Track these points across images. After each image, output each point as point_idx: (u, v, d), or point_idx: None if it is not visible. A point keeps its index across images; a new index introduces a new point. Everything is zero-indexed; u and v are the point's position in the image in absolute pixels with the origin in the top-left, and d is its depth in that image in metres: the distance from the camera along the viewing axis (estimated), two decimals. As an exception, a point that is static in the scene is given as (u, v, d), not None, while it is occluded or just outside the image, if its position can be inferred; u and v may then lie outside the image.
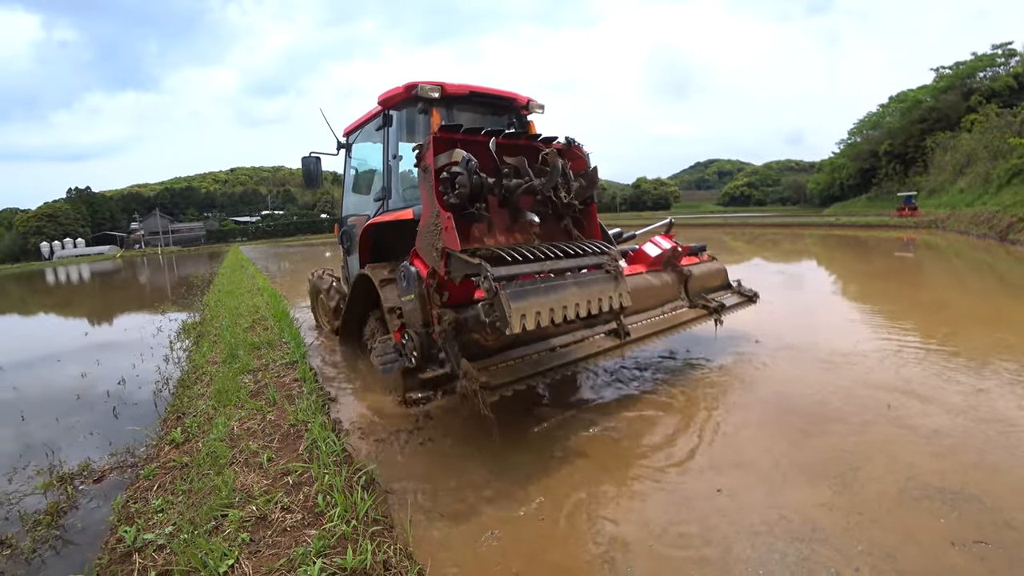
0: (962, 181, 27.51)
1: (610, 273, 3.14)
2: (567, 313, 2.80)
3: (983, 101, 36.34)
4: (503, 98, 4.75)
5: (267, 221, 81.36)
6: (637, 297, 4.19)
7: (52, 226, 67.85)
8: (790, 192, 73.09)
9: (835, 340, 5.27)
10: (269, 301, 9.24)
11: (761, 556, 2.21)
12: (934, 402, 3.67)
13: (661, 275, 4.85)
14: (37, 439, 4.20)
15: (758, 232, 26.64)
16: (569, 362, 3.45)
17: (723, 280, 5.52)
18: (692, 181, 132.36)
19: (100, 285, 24.39)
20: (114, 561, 2.33)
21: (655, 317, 4.44)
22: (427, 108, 4.23)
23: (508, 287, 2.63)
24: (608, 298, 3.06)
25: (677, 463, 3.05)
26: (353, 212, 5.58)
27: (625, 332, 3.89)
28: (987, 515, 2.39)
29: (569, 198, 3.33)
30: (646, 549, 2.31)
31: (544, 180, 3.18)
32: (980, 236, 16.79)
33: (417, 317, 3.16)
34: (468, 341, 3.16)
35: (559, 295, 2.81)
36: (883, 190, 43.09)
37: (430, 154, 2.88)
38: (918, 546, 2.22)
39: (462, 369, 2.96)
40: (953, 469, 2.80)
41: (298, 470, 2.90)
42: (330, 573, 2.03)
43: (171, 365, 6.15)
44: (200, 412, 4.03)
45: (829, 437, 3.24)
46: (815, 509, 2.50)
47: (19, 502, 3.20)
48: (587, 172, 3.41)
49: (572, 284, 2.92)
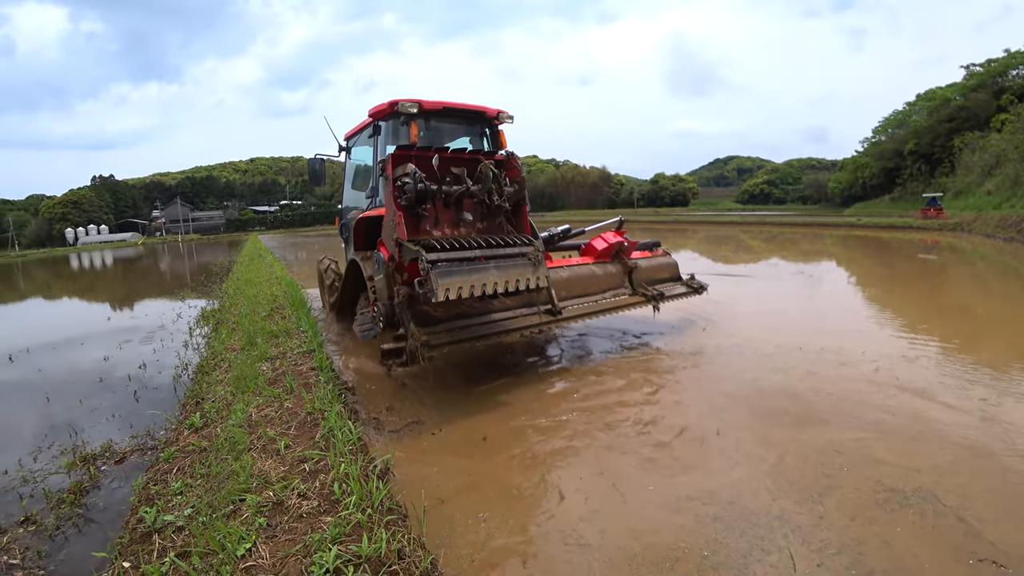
0: (990, 183, 26.71)
1: (531, 260, 3.89)
2: (486, 289, 3.57)
3: (1015, 100, 35.09)
4: (473, 112, 5.47)
5: (285, 211, 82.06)
6: (580, 284, 5.16)
7: (76, 213, 69.22)
8: (811, 191, 71.67)
9: (846, 344, 5.16)
10: (287, 290, 9.34)
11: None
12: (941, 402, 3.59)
13: (606, 266, 5.51)
14: (61, 420, 4.30)
15: (776, 231, 26.20)
16: (501, 331, 4.23)
17: (672, 273, 6.11)
18: (711, 178, 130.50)
19: (122, 271, 24.89)
20: (135, 541, 2.38)
21: (595, 301, 5.12)
22: (408, 121, 4.95)
23: (439, 268, 3.39)
24: (526, 279, 3.82)
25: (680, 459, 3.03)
26: (350, 206, 6.33)
27: (557, 311, 4.58)
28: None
29: (500, 201, 4.09)
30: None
31: (479, 187, 4.01)
32: (1007, 240, 16.32)
33: (384, 293, 4.10)
34: (421, 312, 3.93)
35: (480, 275, 3.57)
36: (907, 191, 41.99)
37: (390, 167, 3.74)
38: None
39: (410, 331, 3.77)
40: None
41: (315, 458, 2.92)
42: (345, 560, 2.05)
43: (190, 351, 6.26)
44: (219, 398, 4.09)
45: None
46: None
47: (43, 480, 3.28)
48: (520, 179, 4.21)
49: (493, 267, 3.67)
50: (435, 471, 3.06)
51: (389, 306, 4.04)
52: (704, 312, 6.67)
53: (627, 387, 4.29)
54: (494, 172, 4.02)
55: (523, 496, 2.80)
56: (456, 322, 4.09)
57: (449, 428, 3.66)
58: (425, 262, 3.37)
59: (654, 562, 2.20)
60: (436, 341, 3.80)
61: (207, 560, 2.13)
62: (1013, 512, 2.43)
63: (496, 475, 3.02)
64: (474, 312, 4.25)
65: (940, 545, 2.22)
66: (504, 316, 4.37)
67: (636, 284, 5.53)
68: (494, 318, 4.32)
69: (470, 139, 5.85)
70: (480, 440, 3.44)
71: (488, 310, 4.34)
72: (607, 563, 2.21)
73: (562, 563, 2.24)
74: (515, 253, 3.88)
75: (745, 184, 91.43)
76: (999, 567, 2.08)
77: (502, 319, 4.35)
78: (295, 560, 2.10)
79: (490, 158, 4.17)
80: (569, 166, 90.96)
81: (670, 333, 5.89)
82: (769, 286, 9.69)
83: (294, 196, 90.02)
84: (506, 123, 5.73)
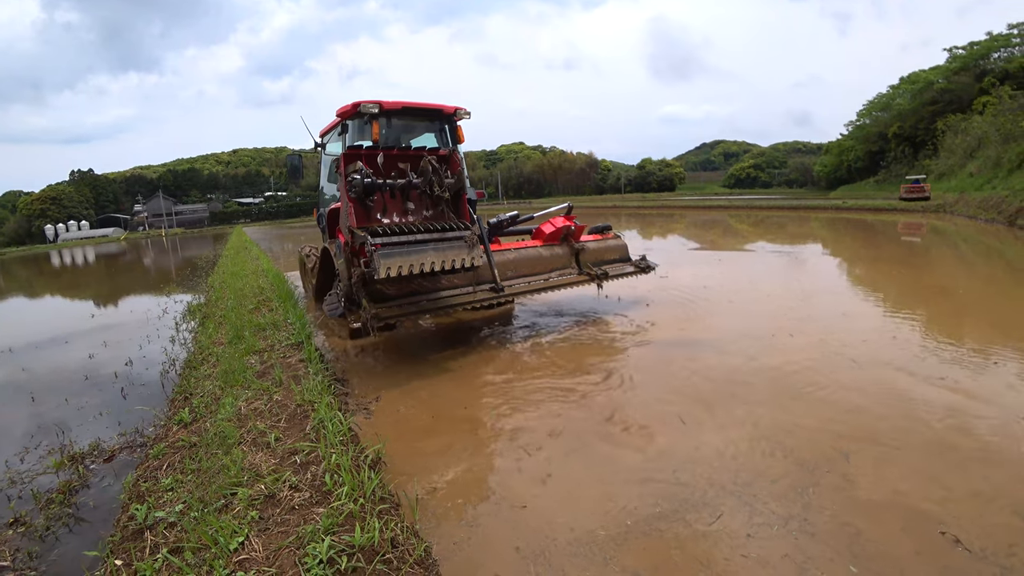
0: (972, 165, 27.06)
1: (466, 242, 4.45)
2: (423, 267, 4.16)
3: (997, 83, 35.47)
4: (430, 110, 5.78)
5: (270, 203, 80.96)
6: (527, 264, 5.69)
7: (56, 209, 67.72)
8: (796, 174, 72.26)
9: (834, 328, 5.26)
10: (273, 283, 9.26)
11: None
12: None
13: (554, 248, 5.96)
14: (48, 419, 4.25)
15: (763, 215, 26.40)
16: (446, 306, 4.87)
17: (621, 254, 6.52)
18: (698, 162, 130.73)
19: (105, 267, 24.48)
20: (126, 538, 2.37)
21: (540, 280, 5.62)
22: (370, 120, 5.20)
23: (382, 250, 4.02)
24: (461, 259, 4.37)
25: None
26: (327, 197, 6.69)
27: (500, 288, 5.13)
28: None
29: (440, 191, 4.70)
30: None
31: (421, 180, 4.70)
32: (988, 221, 16.59)
33: (345, 274, 4.60)
34: (376, 291, 4.52)
35: (419, 256, 4.17)
36: (892, 173, 42.44)
37: (342, 165, 4.49)
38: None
39: (363, 306, 4.37)
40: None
41: (306, 449, 2.93)
42: (339, 550, 2.06)
43: (177, 346, 6.19)
44: (207, 393, 4.06)
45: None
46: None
47: (32, 481, 3.25)
48: (459, 172, 4.89)
49: (431, 249, 4.26)
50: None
51: (348, 286, 4.56)
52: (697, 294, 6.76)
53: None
54: (434, 166, 4.65)
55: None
56: (407, 299, 4.67)
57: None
58: (370, 245, 4.01)
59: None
60: (386, 314, 4.43)
61: (200, 555, 2.13)
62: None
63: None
64: (424, 291, 4.82)
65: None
66: (450, 294, 4.94)
67: (583, 264, 5.99)
68: (441, 296, 4.89)
69: (434, 135, 6.16)
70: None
71: (437, 288, 4.90)
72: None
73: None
74: (453, 236, 4.45)
75: (732, 168, 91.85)
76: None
77: (448, 296, 4.92)
78: (288, 552, 2.11)
79: (433, 155, 4.80)
80: (556, 152, 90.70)
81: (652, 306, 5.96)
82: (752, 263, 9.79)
83: (279, 187, 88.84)
84: (464, 119, 6.01)
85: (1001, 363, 4.12)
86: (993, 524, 2.26)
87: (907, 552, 2.13)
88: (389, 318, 4.47)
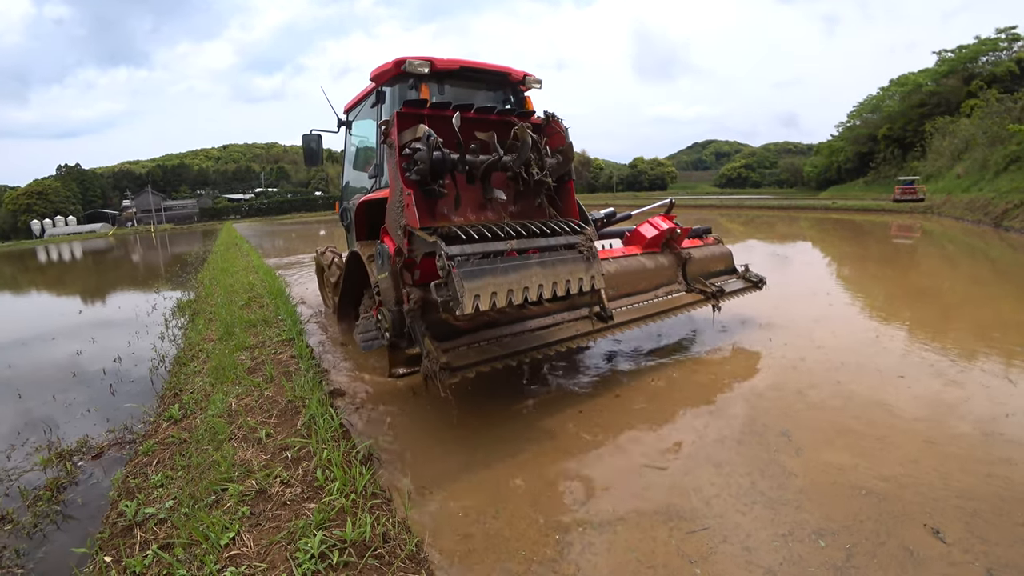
0: (959, 167, 27.43)
1: (582, 253, 3.02)
2: (528, 295, 2.70)
3: (984, 86, 36.00)
4: (496, 72, 4.58)
5: (261, 199, 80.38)
6: (629, 280, 4.24)
7: (42, 204, 66.83)
8: (787, 175, 72.75)
9: (817, 327, 5.32)
10: (264, 279, 9.21)
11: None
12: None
13: (657, 257, 4.66)
14: (35, 416, 4.21)
15: (754, 214, 26.62)
16: (541, 345, 3.34)
17: (727, 264, 5.31)
18: (689, 162, 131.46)
19: (93, 263, 24.19)
20: (116, 535, 2.36)
21: (646, 301, 4.29)
22: (417, 84, 4.17)
23: (464, 266, 2.53)
24: (578, 280, 2.94)
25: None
26: (353, 188, 5.53)
27: (608, 315, 3.74)
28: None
29: (542, 175, 3.17)
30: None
31: (515, 156, 3.03)
32: (975, 222, 16.83)
33: (391, 295, 3.12)
34: (437, 321, 3.03)
35: (519, 275, 2.68)
36: (880, 174, 42.91)
37: (395, 131, 2.80)
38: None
39: (425, 349, 2.91)
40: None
41: (297, 445, 2.92)
42: (330, 545, 2.07)
43: (167, 343, 6.15)
44: (197, 389, 4.04)
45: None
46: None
47: (19, 478, 3.23)
48: (564, 149, 3.25)
49: (536, 264, 2.79)
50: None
51: (397, 313, 3.10)
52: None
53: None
54: (534, 138, 3.07)
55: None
56: (483, 333, 3.24)
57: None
58: (444, 258, 2.52)
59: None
60: (459, 362, 2.96)
61: (190, 551, 2.13)
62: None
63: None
64: (505, 320, 3.35)
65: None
66: (543, 324, 3.50)
67: (691, 278, 4.75)
68: (530, 326, 3.44)
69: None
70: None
71: (522, 316, 3.44)
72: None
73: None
74: (562, 244, 2.99)
75: (723, 168, 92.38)
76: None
77: (540, 327, 3.47)
78: (280, 547, 2.11)
79: (526, 119, 3.23)
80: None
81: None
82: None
83: (269, 183, 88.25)
84: (534, 88, 4.90)
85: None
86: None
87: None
88: (465, 368, 2.96)
